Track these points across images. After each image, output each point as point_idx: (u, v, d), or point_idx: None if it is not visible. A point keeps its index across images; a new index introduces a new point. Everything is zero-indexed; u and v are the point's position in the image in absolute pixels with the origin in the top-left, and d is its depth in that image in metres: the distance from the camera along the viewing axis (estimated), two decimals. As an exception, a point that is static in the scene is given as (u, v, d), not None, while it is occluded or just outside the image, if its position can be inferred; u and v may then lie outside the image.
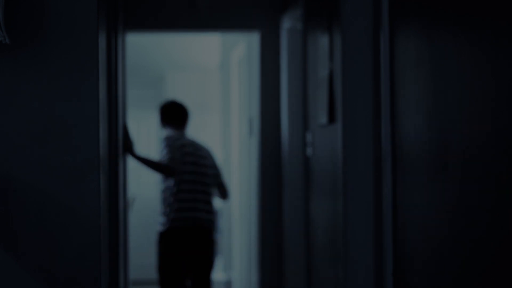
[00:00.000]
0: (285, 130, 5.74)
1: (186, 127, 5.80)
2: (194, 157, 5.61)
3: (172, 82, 9.14)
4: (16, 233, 2.57)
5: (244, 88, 6.92)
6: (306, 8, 4.83)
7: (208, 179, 5.65)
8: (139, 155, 5.52)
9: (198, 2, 5.94)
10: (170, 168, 5.47)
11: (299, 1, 5.03)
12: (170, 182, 5.56)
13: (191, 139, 5.75)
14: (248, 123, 6.66)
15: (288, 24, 5.67)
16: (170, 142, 5.58)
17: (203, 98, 9.02)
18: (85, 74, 2.61)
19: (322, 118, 4.18)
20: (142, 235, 9.12)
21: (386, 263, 3.11)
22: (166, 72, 9.24)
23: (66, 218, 2.58)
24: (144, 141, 9.26)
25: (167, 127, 5.76)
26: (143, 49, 9.09)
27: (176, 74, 9.20)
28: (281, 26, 5.92)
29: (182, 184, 5.54)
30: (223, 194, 5.84)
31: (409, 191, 2.84)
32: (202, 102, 8.88)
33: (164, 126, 5.78)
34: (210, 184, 5.67)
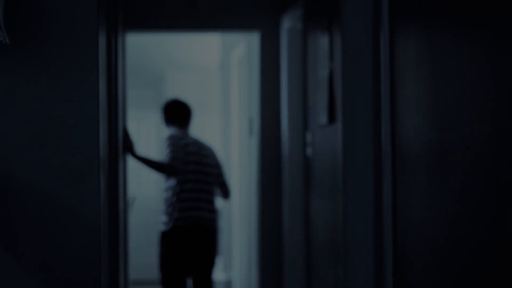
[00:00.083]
0: (285, 130, 5.74)
1: (189, 126, 5.82)
2: (197, 156, 5.61)
3: (172, 82, 9.14)
4: (16, 233, 2.57)
5: (244, 88, 6.92)
6: (306, 8, 4.82)
7: (210, 178, 5.65)
8: (140, 155, 5.52)
9: (198, 2, 5.94)
10: (172, 167, 5.47)
11: (299, 1, 5.03)
12: (173, 181, 5.56)
13: (195, 138, 5.75)
14: (248, 123, 6.66)
15: (288, 24, 5.67)
16: (173, 141, 5.58)
17: (203, 98, 9.02)
18: (85, 74, 2.61)
19: (322, 118, 4.18)
20: (142, 235, 9.12)
21: (386, 263, 3.11)
22: (166, 72, 9.24)
23: (66, 218, 2.58)
24: (144, 141, 9.26)
25: (171, 126, 5.77)
26: (143, 49, 9.09)
27: (176, 74, 9.19)
28: (281, 26, 5.92)
29: (185, 183, 5.54)
30: (225, 193, 5.85)
31: (409, 191, 2.83)
32: (202, 102, 8.88)
33: (167, 125, 5.80)
34: (213, 183, 5.68)
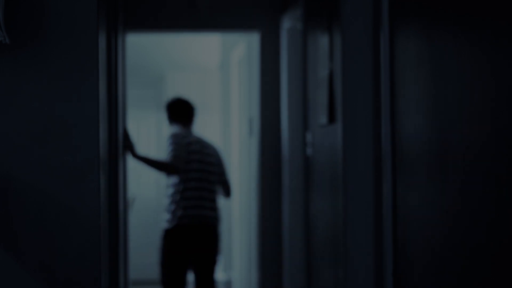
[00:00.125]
0: (285, 130, 5.74)
1: (193, 124, 5.84)
2: (200, 155, 5.63)
3: (172, 82, 9.14)
4: (16, 233, 2.57)
5: (244, 88, 6.92)
6: (306, 8, 4.82)
7: (213, 177, 5.68)
8: (140, 155, 5.54)
9: (198, 2, 5.94)
10: (173, 166, 5.49)
11: (299, 1, 5.03)
12: (176, 179, 5.59)
13: (198, 137, 5.78)
14: (248, 123, 6.66)
15: (288, 24, 5.67)
16: (175, 139, 5.60)
17: (203, 98, 9.02)
18: (85, 74, 2.61)
19: (322, 118, 4.18)
20: (142, 235, 9.12)
21: (386, 263, 3.11)
22: (166, 72, 9.24)
23: (66, 218, 2.58)
24: (144, 141, 9.26)
25: (174, 124, 5.80)
26: (143, 49, 9.09)
27: (176, 74, 9.19)
28: (281, 26, 5.92)
29: (188, 182, 5.56)
30: (227, 192, 5.88)
31: (409, 191, 2.83)
32: (202, 102, 8.88)
33: (171, 123, 5.83)
34: (215, 182, 5.71)
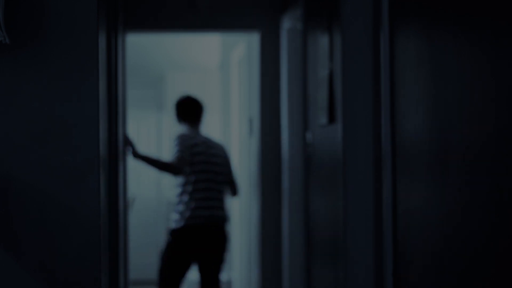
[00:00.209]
0: (285, 130, 5.74)
1: (200, 123, 5.85)
2: (205, 156, 5.65)
3: (172, 82, 9.14)
4: (16, 233, 2.57)
5: (244, 88, 6.92)
6: (306, 8, 4.82)
7: (220, 177, 5.71)
8: (142, 154, 5.56)
9: (198, 2, 5.94)
10: (175, 167, 5.52)
11: (299, 1, 5.03)
12: (184, 180, 5.61)
13: (205, 137, 5.80)
14: (248, 123, 6.66)
15: (288, 24, 5.67)
16: (181, 141, 5.62)
17: (203, 98, 9.02)
18: (85, 74, 2.61)
19: (322, 118, 4.18)
20: (142, 235, 9.12)
21: (386, 263, 3.11)
22: (166, 72, 9.23)
23: (66, 218, 2.58)
24: (144, 141, 9.26)
25: (182, 123, 5.83)
26: (143, 49, 9.09)
27: (176, 74, 9.19)
28: (281, 26, 5.92)
29: (195, 182, 5.59)
30: (233, 191, 5.91)
31: (409, 191, 2.83)
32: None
33: (179, 122, 5.85)
34: (222, 181, 5.73)
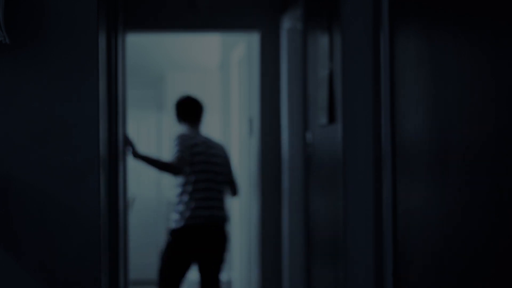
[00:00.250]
0: (285, 130, 5.74)
1: (200, 123, 5.86)
2: (204, 156, 5.66)
3: (172, 82, 9.14)
4: (16, 233, 2.57)
5: (244, 88, 6.92)
6: (306, 8, 4.82)
7: (220, 177, 5.71)
8: (141, 154, 5.57)
9: (198, 2, 5.94)
10: (175, 167, 5.53)
11: (299, 1, 5.03)
12: (184, 180, 5.62)
13: (205, 137, 5.81)
14: (248, 123, 6.66)
15: (288, 24, 5.67)
16: (181, 141, 5.63)
17: (203, 98, 9.02)
18: (85, 74, 2.61)
19: (322, 118, 4.18)
20: (142, 235, 9.12)
21: (386, 263, 3.11)
22: (166, 72, 9.23)
23: (66, 218, 2.58)
24: (144, 141, 9.26)
25: (182, 123, 5.84)
26: (143, 49, 9.09)
27: (176, 74, 9.19)
28: (281, 26, 5.92)
29: (195, 183, 5.60)
30: (233, 191, 5.91)
31: (409, 191, 2.83)
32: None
33: (179, 122, 5.86)
34: (222, 181, 5.74)
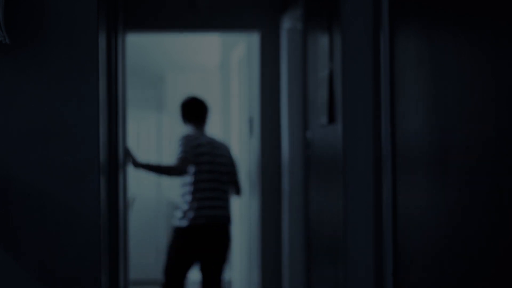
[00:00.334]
0: (285, 130, 5.74)
1: (205, 124, 5.89)
2: (210, 156, 5.68)
3: (172, 82, 9.14)
4: (16, 233, 2.57)
5: (244, 88, 6.92)
6: (306, 8, 4.82)
7: (225, 177, 5.74)
8: (142, 163, 5.62)
9: (198, 2, 5.94)
10: (176, 169, 5.56)
11: (299, 1, 5.03)
12: (189, 180, 5.64)
13: (210, 137, 5.83)
14: (248, 123, 6.66)
15: (288, 24, 5.67)
16: (185, 141, 5.66)
17: (203, 98, 9.01)
18: (85, 74, 2.61)
19: (322, 118, 4.18)
20: (142, 235, 9.12)
21: (386, 263, 3.11)
22: (166, 72, 9.23)
23: (66, 218, 2.58)
24: (144, 141, 9.26)
25: (187, 124, 5.87)
26: (143, 49, 9.09)
27: (176, 74, 9.19)
28: (281, 26, 5.92)
29: (200, 183, 5.62)
30: (237, 191, 5.95)
31: (409, 191, 2.83)
32: (202, 102, 8.87)
33: (184, 123, 5.90)
34: (227, 182, 5.76)
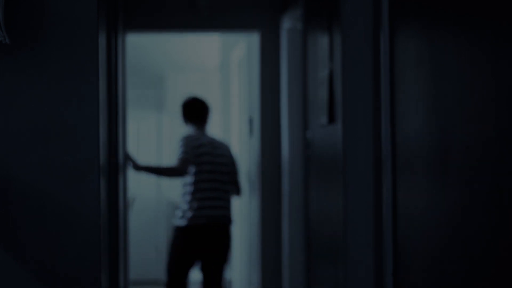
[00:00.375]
0: (285, 130, 5.74)
1: (206, 124, 5.90)
2: (210, 156, 5.69)
3: (172, 82, 9.14)
4: (16, 233, 2.57)
5: (244, 88, 6.92)
6: (306, 8, 4.82)
7: (225, 177, 5.75)
8: (142, 165, 5.63)
9: (198, 2, 5.94)
10: (176, 169, 5.57)
11: (299, 1, 5.03)
12: (190, 180, 5.65)
13: (211, 138, 5.84)
14: (248, 123, 6.66)
15: (288, 24, 5.67)
16: (186, 142, 5.67)
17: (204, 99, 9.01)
18: (85, 74, 2.61)
19: (322, 118, 4.18)
20: (142, 235, 9.12)
21: (386, 263, 3.11)
22: (166, 72, 9.23)
23: (66, 218, 2.58)
24: (144, 141, 9.26)
25: (188, 124, 5.87)
26: (143, 49, 9.09)
27: (176, 74, 9.19)
28: (281, 26, 5.92)
29: (201, 182, 5.63)
30: (237, 191, 5.95)
31: (409, 191, 2.83)
32: (202, 102, 8.87)
33: (185, 123, 5.91)
34: (228, 181, 5.76)
